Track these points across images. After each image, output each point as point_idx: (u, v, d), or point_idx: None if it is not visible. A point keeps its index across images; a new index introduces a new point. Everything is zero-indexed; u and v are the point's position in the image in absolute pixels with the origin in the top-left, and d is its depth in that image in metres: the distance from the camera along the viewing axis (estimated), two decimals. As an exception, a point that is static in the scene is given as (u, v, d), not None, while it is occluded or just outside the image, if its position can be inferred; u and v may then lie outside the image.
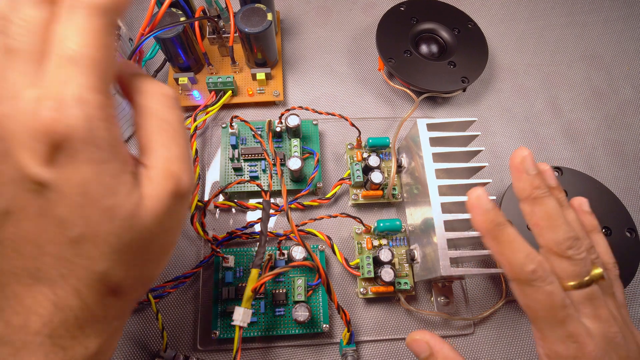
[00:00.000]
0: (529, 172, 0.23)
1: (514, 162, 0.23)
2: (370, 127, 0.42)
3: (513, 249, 0.21)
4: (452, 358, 0.24)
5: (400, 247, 0.36)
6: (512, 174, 0.24)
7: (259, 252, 0.27)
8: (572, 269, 0.22)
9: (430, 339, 0.25)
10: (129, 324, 0.33)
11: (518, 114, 0.44)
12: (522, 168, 0.23)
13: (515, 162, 0.23)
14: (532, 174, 0.23)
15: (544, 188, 0.23)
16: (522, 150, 0.23)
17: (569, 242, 0.22)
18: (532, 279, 0.21)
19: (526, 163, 0.23)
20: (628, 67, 0.47)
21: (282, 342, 0.33)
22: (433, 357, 0.24)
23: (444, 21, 0.44)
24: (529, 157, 0.23)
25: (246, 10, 0.37)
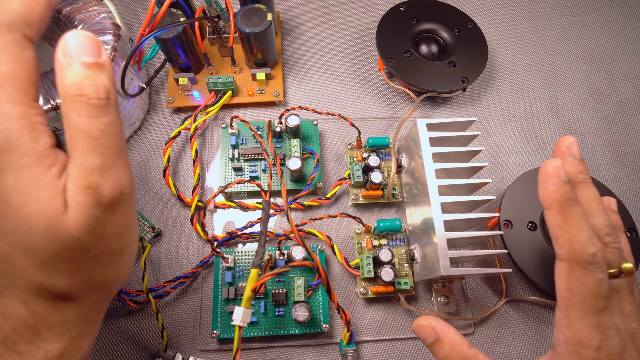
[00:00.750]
0: (575, 156, 0.24)
1: (561, 147, 0.24)
2: (370, 127, 0.42)
3: (580, 227, 0.21)
4: (458, 343, 0.24)
5: (400, 247, 0.36)
6: (557, 156, 0.24)
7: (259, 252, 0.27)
8: (608, 257, 0.22)
9: (436, 324, 0.25)
10: (129, 324, 0.33)
11: (518, 114, 0.44)
12: (568, 152, 0.24)
13: (562, 146, 0.24)
14: (577, 158, 0.24)
15: (587, 175, 0.24)
16: (569, 138, 0.24)
17: (607, 229, 0.22)
18: (590, 262, 0.20)
19: (573, 148, 0.24)
20: (628, 67, 0.47)
21: (282, 342, 0.33)
22: (439, 342, 0.24)
23: (443, 21, 0.44)
24: (575, 144, 0.24)
25: (246, 11, 0.37)
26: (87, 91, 0.16)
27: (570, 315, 0.21)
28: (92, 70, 0.16)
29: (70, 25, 0.35)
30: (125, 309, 0.34)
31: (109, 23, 0.35)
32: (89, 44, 0.16)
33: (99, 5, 0.36)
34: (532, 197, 0.36)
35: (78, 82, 0.16)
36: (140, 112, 0.40)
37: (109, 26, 0.35)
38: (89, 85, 0.16)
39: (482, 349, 0.34)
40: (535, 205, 0.36)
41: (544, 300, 0.35)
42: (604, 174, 0.41)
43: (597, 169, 0.42)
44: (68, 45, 0.16)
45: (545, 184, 0.22)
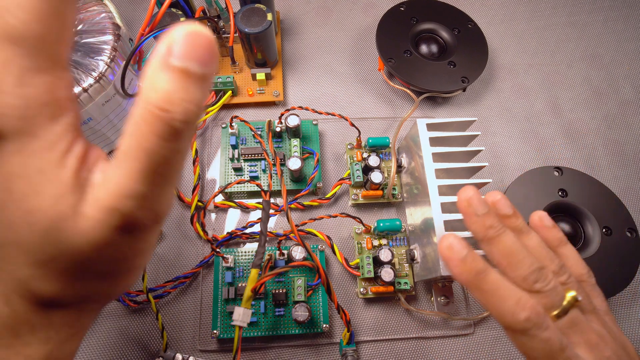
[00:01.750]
0: (478, 213, 0.22)
1: (461, 206, 0.22)
2: (370, 127, 0.42)
3: (500, 297, 0.20)
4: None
5: (400, 247, 0.36)
6: (463, 217, 0.23)
7: (259, 252, 0.27)
8: (545, 301, 0.21)
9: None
10: (129, 324, 0.33)
11: (518, 113, 0.44)
12: (471, 211, 0.22)
13: (462, 205, 0.22)
14: (481, 214, 0.22)
15: (497, 226, 0.22)
16: (467, 191, 0.22)
17: (533, 276, 0.21)
18: (526, 327, 0.19)
19: (473, 204, 0.22)
20: (628, 67, 0.47)
21: (282, 342, 0.33)
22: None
23: (443, 21, 0.44)
24: (475, 197, 0.22)
25: (246, 11, 0.37)
26: (174, 109, 0.13)
27: None
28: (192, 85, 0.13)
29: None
30: (125, 309, 0.34)
31: (109, 23, 0.35)
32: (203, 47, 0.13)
33: (99, 5, 0.36)
34: (532, 197, 0.36)
35: (169, 94, 0.12)
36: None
37: (109, 26, 0.35)
38: (180, 102, 0.13)
39: (482, 349, 0.34)
40: (535, 205, 0.36)
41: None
42: (604, 174, 0.41)
43: (597, 169, 0.42)
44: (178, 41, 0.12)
45: (449, 267, 0.21)
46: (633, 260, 0.34)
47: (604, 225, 0.35)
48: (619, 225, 0.35)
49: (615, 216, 0.36)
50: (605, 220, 0.35)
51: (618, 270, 0.34)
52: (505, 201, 0.24)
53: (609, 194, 0.37)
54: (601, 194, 0.37)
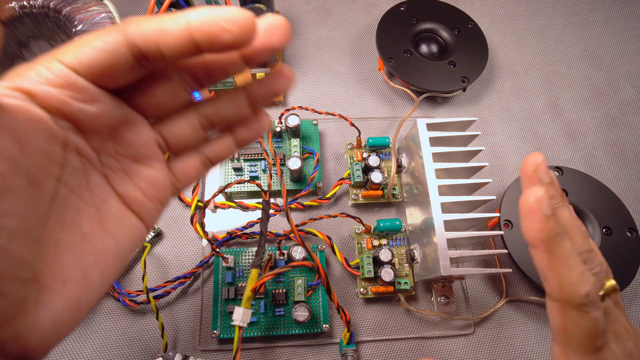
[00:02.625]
0: (544, 181, 0.21)
1: (527, 170, 0.21)
2: (370, 127, 0.42)
3: (570, 266, 0.19)
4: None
5: (400, 247, 0.36)
6: (525, 182, 0.21)
7: (259, 252, 0.27)
8: None
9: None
10: (129, 324, 0.33)
11: (518, 113, 0.44)
12: (537, 177, 0.21)
13: (528, 170, 0.21)
14: (546, 182, 0.21)
15: (559, 197, 0.21)
16: (536, 156, 0.21)
17: (584, 256, 0.20)
18: (584, 303, 0.19)
19: (540, 171, 0.21)
20: (628, 66, 0.47)
21: (282, 342, 0.33)
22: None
23: (444, 21, 0.44)
24: (543, 164, 0.21)
25: (246, 10, 0.37)
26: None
27: (568, 353, 0.20)
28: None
29: (70, 25, 0.35)
30: (125, 309, 0.34)
31: (109, 23, 0.35)
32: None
33: (99, 5, 0.36)
34: (532, 197, 0.36)
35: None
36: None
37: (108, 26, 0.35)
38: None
39: (482, 349, 0.34)
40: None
41: (544, 300, 0.35)
42: (604, 174, 0.41)
43: (597, 169, 0.42)
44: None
45: (529, 221, 0.19)
46: (633, 260, 0.34)
47: (604, 225, 0.35)
48: (619, 225, 0.35)
49: (615, 216, 0.36)
50: (605, 220, 0.35)
51: (618, 270, 0.34)
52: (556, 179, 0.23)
53: (609, 194, 0.37)
54: (601, 194, 0.37)
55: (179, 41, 0.14)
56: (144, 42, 0.14)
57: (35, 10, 0.37)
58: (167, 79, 0.18)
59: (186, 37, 0.14)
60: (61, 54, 0.15)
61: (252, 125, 0.20)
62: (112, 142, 0.17)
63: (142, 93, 0.18)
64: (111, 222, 0.17)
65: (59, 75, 0.15)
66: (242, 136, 0.20)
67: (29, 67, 0.15)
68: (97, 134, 0.17)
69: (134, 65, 0.15)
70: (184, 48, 0.15)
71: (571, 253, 0.19)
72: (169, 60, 0.15)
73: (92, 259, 0.16)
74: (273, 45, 0.16)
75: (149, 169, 0.19)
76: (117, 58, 0.15)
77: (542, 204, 0.19)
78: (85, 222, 0.16)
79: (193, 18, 0.14)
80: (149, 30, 0.14)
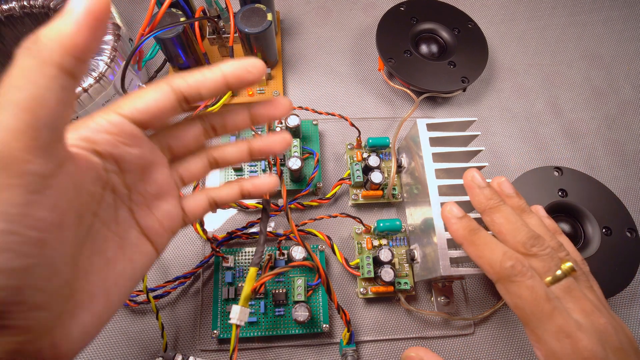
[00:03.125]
0: (480, 186, 0.25)
1: (466, 181, 0.26)
2: (370, 127, 0.42)
3: (491, 249, 0.23)
4: None
5: (400, 247, 0.36)
6: (467, 193, 0.26)
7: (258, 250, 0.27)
8: (541, 265, 0.23)
9: (424, 354, 0.25)
10: (129, 324, 0.33)
11: (518, 113, 0.44)
12: (474, 184, 0.26)
13: (466, 180, 0.26)
14: (482, 187, 0.25)
15: (496, 198, 0.25)
16: (471, 170, 0.26)
17: (531, 241, 0.23)
18: (512, 274, 0.22)
19: (476, 179, 0.26)
20: (628, 66, 0.47)
21: (282, 342, 0.33)
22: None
23: (444, 21, 0.44)
24: (478, 174, 0.26)
25: (246, 11, 0.37)
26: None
27: (533, 329, 0.22)
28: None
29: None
30: (125, 309, 0.34)
31: (109, 23, 0.35)
32: None
33: (99, 5, 0.36)
34: (532, 197, 0.36)
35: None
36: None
37: (109, 26, 0.35)
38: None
39: (482, 349, 0.34)
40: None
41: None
42: (604, 174, 0.41)
43: (597, 169, 0.42)
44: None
45: (448, 226, 0.25)
46: (633, 260, 0.34)
47: (604, 226, 0.35)
48: (619, 225, 0.35)
49: (615, 216, 0.36)
50: (605, 221, 0.35)
51: (618, 270, 0.34)
52: (508, 183, 0.27)
53: (609, 194, 0.37)
54: (601, 194, 0.37)
55: (216, 84, 0.20)
56: (188, 89, 0.19)
57: (35, 10, 0.37)
58: (195, 125, 0.22)
59: (222, 81, 0.20)
60: (119, 107, 0.18)
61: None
62: (142, 181, 0.21)
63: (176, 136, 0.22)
64: (130, 249, 0.20)
65: (115, 124, 0.18)
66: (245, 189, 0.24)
67: (89, 118, 0.18)
68: (133, 173, 0.20)
69: (176, 105, 0.19)
70: (218, 89, 0.20)
71: (488, 240, 0.23)
72: (204, 99, 0.20)
73: (113, 280, 0.19)
74: (275, 117, 0.22)
75: (167, 204, 0.22)
76: (167, 103, 0.19)
77: (452, 212, 0.25)
78: (109, 249, 0.19)
79: (226, 68, 0.20)
80: (194, 80, 0.19)
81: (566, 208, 0.36)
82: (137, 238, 0.21)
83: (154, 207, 0.22)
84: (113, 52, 0.34)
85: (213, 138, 0.23)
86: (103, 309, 0.19)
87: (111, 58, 0.34)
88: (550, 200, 0.36)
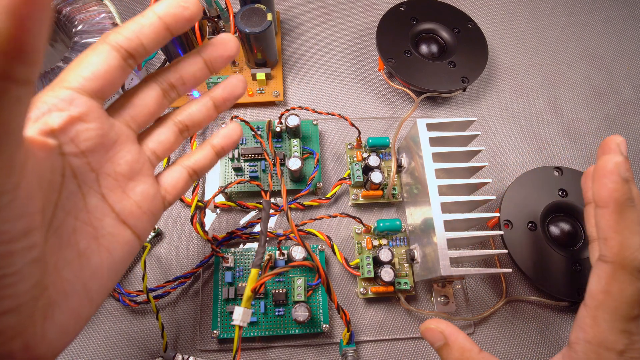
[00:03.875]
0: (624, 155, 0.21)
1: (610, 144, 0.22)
2: (370, 127, 0.42)
3: (634, 231, 0.20)
4: (468, 348, 0.23)
5: (400, 247, 0.36)
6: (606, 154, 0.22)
7: (259, 251, 0.27)
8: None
9: (446, 328, 0.24)
10: (129, 324, 0.33)
11: (518, 113, 0.44)
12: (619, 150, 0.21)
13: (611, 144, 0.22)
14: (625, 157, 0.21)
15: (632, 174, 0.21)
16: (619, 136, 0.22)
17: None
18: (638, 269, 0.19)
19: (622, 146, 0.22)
20: (628, 66, 0.47)
21: (282, 342, 0.33)
22: (448, 346, 0.23)
23: (444, 21, 0.44)
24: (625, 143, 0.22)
25: (246, 11, 0.37)
26: None
27: (598, 316, 0.20)
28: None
29: (70, 25, 0.35)
30: (125, 309, 0.34)
31: (109, 23, 0.35)
32: None
33: (99, 5, 0.36)
34: (532, 197, 0.36)
35: None
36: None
37: (109, 26, 0.35)
38: None
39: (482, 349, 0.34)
40: (535, 205, 0.36)
41: (544, 300, 0.35)
42: (604, 174, 0.41)
43: (597, 169, 0.41)
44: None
45: (604, 181, 0.20)
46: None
47: (604, 225, 0.35)
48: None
49: (615, 216, 0.36)
50: (605, 220, 0.35)
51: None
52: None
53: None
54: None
55: (155, 30, 0.18)
56: (128, 42, 0.18)
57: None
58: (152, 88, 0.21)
59: (160, 25, 0.18)
60: (64, 80, 0.17)
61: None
62: (110, 161, 0.19)
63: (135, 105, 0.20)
64: (107, 239, 0.19)
65: (65, 100, 0.17)
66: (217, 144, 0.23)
67: (36, 99, 0.16)
68: (96, 153, 0.18)
69: (123, 65, 0.18)
70: (159, 35, 0.18)
71: (638, 221, 0.20)
72: (150, 52, 0.18)
73: (89, 273, 0.18)
74: (229, 56, 0.22)
75: (142, 184, 0.20)
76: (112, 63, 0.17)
77: (620, 168, 0.20)
78: (82, 241, 0.18)
79: (158, 8, 0.18)
80: (131, 31, 0.18)
81: (566, 208, 0.36)
82: (113, 226, 0.19)
83: (128, 189, 0.20)
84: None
85: (175, 98, 0.22)
86: (81, 306, 0.18)
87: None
88: (550, 200, 0.36)
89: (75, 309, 0.17)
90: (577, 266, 0.34)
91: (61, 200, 0.17)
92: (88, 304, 0.18)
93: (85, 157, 0.18)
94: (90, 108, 0.17)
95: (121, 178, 0.20)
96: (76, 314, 0.17)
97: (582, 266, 0.34)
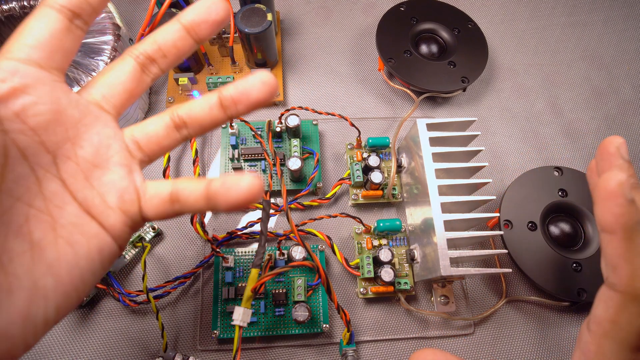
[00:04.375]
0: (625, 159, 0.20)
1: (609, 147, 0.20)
2: (370, 127, 0.42)
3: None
4: None
5: (400, 247, 0.36)
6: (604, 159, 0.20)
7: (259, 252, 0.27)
8: None
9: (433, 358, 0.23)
10: (129, 324, 0.33)
11: (518, 113, 0.44)
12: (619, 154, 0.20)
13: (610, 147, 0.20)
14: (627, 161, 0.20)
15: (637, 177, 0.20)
16: (618, 138, 0.20)
17: None
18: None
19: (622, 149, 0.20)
20: (628, 67, 0.47)
21: (282, 342, 0.33)
22: None
23: (444, 21, 0.44)
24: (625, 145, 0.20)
25: (246, 11, 0.37)
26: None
27: (604, 345, 0.19)
28: None
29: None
30: (125, 309, 0.34)
31: (109, 23, 0.35)
32: None
33: (99, 5, 0.36)
34: (532, 197, 0.36)
35: None
36: (140, 112, 0.40)
37: (109, 26, 0.35)
38: None
39: (482, 349, 0.34)
40: (535, 205, 0.36)
41: (544, 300, 0.35)
42: (604, 174, 0.41)
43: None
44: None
45: (608, 205, 0.18)
46: (633, 260, 0.34)
47: (604, 225, 0.35)
48: (619, 225, 0.35)
49: (615, 216, 0.36)
50: (605, 220, 0.35)
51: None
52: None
53: (609, 194, 0.37)
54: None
55: None
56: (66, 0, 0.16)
57: (36, 10, 0.37)
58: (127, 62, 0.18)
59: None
60: (7, 50, 0.16)
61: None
62: (72, 143, 0.17)
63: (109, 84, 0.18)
64: (67, 230, 0.17)
65: (7, 71, 0.15)
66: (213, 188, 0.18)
67: None
68: (52, 132, 0.16)
69: (70, 26, 0.16)
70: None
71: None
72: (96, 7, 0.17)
73: (43, 269, 0.16)
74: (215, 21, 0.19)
75: (111, 174, 0.18)
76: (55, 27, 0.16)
77: (624, 188, 0.17)
78: (35, 230, 0.16)
79: None
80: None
81: (566, 208, 0.36)
82: (76, 216, 0.17)
83: (92, 177, 0.17)
84: (113, 52, 0.34)
85: (158, 74, 0.19)
86: (30, 305, 0.15)
87: (111, 58, 0.34)
88: (550, 200, 0.36)
89: (21, 308, 0.15)
90: (577, 266, 0.34)
91: (6, 183, 0.15)
92: (41, 304, 0.15)
93: (37, 136, 0.16)
94: (39, 79, 0.16)
95: (84, 163, 0.17)
96: (22, 315, 0.15)
97: (582, 266, 0.34)
